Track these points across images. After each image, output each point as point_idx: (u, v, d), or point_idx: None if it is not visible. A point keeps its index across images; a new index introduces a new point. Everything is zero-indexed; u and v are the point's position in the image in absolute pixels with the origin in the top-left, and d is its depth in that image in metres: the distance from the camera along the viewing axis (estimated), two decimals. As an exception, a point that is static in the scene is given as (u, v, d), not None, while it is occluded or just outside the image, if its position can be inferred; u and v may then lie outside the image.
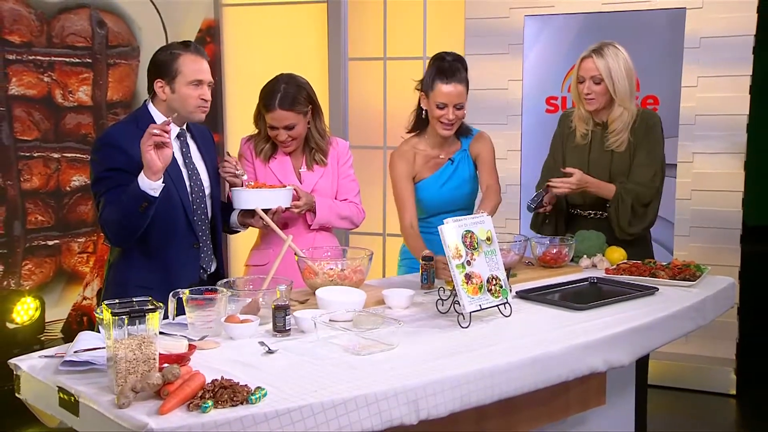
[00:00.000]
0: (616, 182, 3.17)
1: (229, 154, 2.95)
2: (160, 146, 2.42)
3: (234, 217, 2.95)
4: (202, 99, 2.68)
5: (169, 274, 2.65)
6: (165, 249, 2.67)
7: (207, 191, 2.81)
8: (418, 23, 5.11)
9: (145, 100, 2.75)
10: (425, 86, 3.05)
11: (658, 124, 3.21)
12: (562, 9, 4.67)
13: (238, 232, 3.05)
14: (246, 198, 2.83)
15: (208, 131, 2.99)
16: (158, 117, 2.68)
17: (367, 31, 5.27)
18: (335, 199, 3.13)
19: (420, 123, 3.15)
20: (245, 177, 2.89)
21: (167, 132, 2.42)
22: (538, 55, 4.73)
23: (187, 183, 2.74)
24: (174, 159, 2.64)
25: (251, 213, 2.86)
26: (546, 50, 4.75)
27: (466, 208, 3.21)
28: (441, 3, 5.08)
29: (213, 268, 2.85)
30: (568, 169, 3.13)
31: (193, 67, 2.67)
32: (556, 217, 3.32)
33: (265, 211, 2.82)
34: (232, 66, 5.59)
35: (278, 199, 2.85)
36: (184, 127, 2.78)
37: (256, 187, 2.86)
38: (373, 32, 5.25)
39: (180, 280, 2.57)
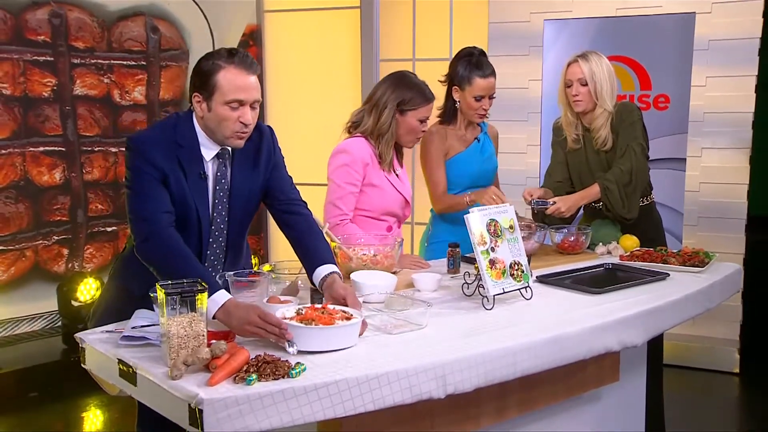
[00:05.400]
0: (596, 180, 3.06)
1: None
2: None
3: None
4: (241, 122, 2.09)
5: None
6: None
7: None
8: (445, 27, 5.07)
9: (191, 107, 2.19)
10: (460, 81, 3.02)
11: (634, 110, 3.09)
12: (578, 14, 4.61)
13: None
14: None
15: (269, 131, 2.34)
16: (200, 134, 2.16)
17: (398, 34, 5.24)
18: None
19: (451, 113, 3.12)
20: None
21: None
22: (557, 57, 4.66)
23: (210, 210, 2.22)
24: (204, 181, 2.17)
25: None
26: (564, 52, 4.66)
27: (490, 184, 3.18)
28: (466, 7, 5.04)
29: None
30: (550, 203, 3.00)
31: (235, 83, 2.06)
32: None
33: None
34: (273, 67, 5.60)
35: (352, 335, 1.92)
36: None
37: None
38: (403, 35, 5.22)
39: None
